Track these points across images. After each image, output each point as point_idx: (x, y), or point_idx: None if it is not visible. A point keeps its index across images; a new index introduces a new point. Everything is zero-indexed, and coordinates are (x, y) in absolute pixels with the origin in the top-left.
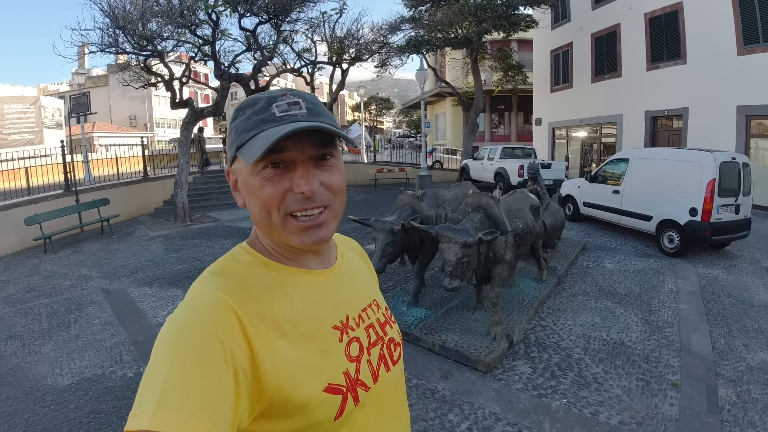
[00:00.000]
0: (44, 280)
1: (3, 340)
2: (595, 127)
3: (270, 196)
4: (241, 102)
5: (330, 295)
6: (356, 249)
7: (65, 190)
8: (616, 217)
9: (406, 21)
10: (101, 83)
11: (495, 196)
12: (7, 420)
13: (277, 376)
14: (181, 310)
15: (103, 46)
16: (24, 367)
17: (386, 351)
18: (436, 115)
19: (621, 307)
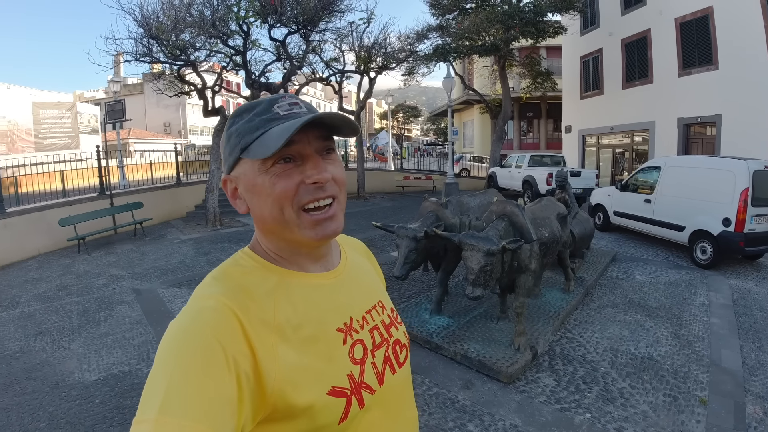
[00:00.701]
0: (77, 279)
1: (33, 335)
2: (627, 134)
3: (283, 191)
4: (236, 109)
5: (333, 298)
6: (361, 249)
7: (100, 194)
8: (647, 227)
9: (433, 29)
10: (137, 91)
11: (520, 204)
12: (31, 413)
13: (280, 381)
14: (183, 315)
15: (137, 56)
16: (52, 362)
17: (392, 353)
18: (463, 122)
19: (651, 320)
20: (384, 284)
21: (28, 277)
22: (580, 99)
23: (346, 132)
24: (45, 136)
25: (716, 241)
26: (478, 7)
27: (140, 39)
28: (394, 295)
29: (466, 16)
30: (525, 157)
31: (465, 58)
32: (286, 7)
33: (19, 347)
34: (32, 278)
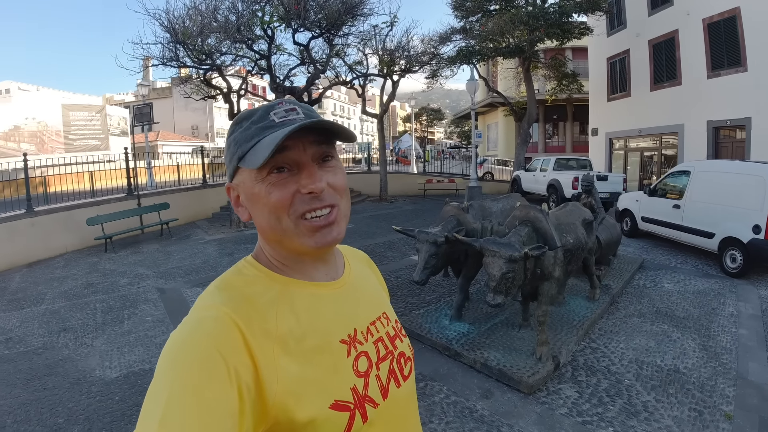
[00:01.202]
0: (102, 278)
1: (56, 332)
2: (655, 137)
3: (278, 200)
4: (237, 116)
5: (337, 308)
6: (365, 260)
7: (128, 194)
8: (676, 233)
9: (457, 32)
10: (165, 95)
11: (544, 209)
12: (50, 408)
13: (282, 393)
14: (185, 325)
15: (164, 60)
16: (74, 359)
17: (396, 366)
18: (487, 125)
19: (678, 330)
20: (388, 295)
21: (55, 275)
22: (607, 101)
23: (343, 138)
24: (75, 137)
25: (746, 248)
26: (502, 8)
27: (167, 44)
28: (414, 300)
29: (490, 18)
30: (550, 161)
31: (489, 60)
32: (310, 11)
33: (42, 343)
34: (58, 276)
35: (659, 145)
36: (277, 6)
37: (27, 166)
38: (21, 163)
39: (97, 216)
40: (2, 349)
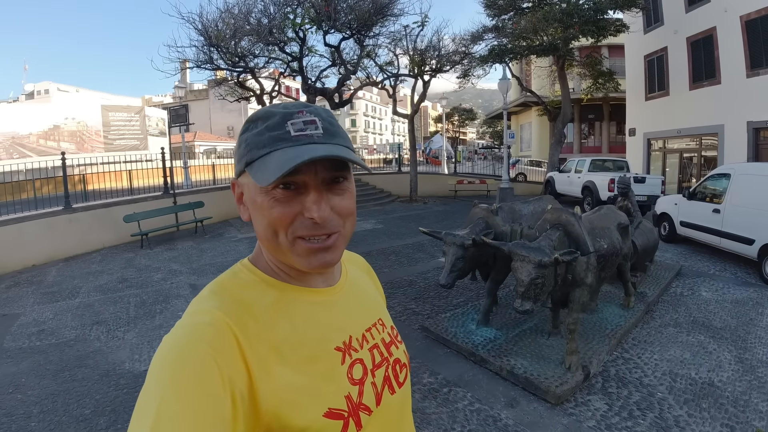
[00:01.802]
0: (137, 273)
1: (90, 324)
2: (695, 138)
3: (279, 218)
4: (253, 113)
5: (333, 315)
6: (361, 265)
7: (164, 192)
8: (715, 239)
9: (489, 30)
10: (202, 96)
11: (576, 212)
12: (78, 399)
13: (276, 401)
14: (179, 330)
15: (198, 63)
16: (105, 351)
17: (391, 373)
18: (521, 125)
19: (714, 341)
20: (384, 301)
21: (91, 269)
22: (645, 100)
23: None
24: (114, 137)
25: None
26: (535, 6)
27: (201, 47)
28: (441, 303)
29: (523, 15)
30: (585, 162)
31: (522, 58)
32: (340, 13)
33: (75, 335)
34: (94, 270)
35: (699, 147)
36: (308, 8)
37: (65, 164)
38: (60, 161)
39: (134, 213)
40: (34, 341)
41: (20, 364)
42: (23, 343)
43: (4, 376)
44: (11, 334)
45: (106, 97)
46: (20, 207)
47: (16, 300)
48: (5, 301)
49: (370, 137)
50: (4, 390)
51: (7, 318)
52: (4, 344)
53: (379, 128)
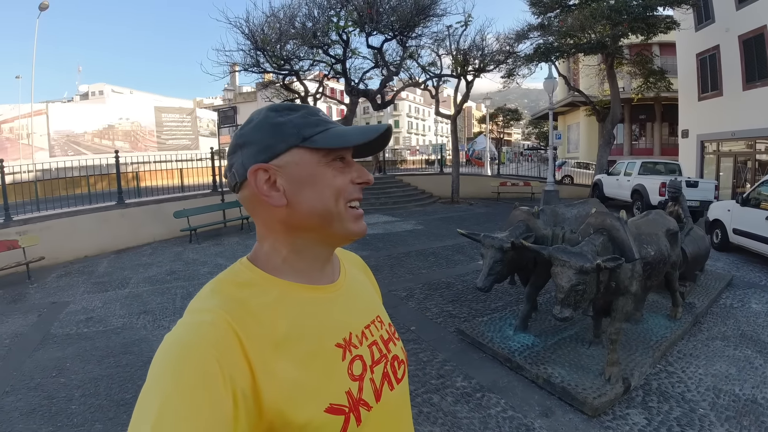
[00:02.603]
0: (185, 266)
1: (137, 314)
2: (750, 141)
3: (342, 185)
4: (278, 105)
5: (333, 312)
6: (358, 263)
7: (213, 190)
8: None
9: (534, 28)
10: (250, 99)
11: (622, 217)
12: (120, 384)
13: (277, 398)
14: (180, 329)
15: (245, 66)
16: (150, 339)
17: (390, 369)
18: (568, 126)
19: (761, 357)
20: (380, 299)
21: (141, 261)
22: (698, 101)
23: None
24: (167, 137)
25: None
26: (582, 3)
27: (248, 51)
28: (479, 307)
29: (570, 13)
30: (635, 164)
31: (569, 57)
32: (383, 15)
33: (122, 324)
34: (144, 262)
35: (754, 150)
36: (351, 11)
37: (118, 162)
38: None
39: (183, 209)
40: (81, 328)
41: (66, 350)
42: (70, 330)
43: (49, 360)
44: (59, 321)
45: (158, 99)
46: (74, 202)
47: (67, 289)
48: (56, 290)
49: (413, 138)
50: (47, 374)
51: (57, 306)
52: (51, 330)
53: (422, 129)
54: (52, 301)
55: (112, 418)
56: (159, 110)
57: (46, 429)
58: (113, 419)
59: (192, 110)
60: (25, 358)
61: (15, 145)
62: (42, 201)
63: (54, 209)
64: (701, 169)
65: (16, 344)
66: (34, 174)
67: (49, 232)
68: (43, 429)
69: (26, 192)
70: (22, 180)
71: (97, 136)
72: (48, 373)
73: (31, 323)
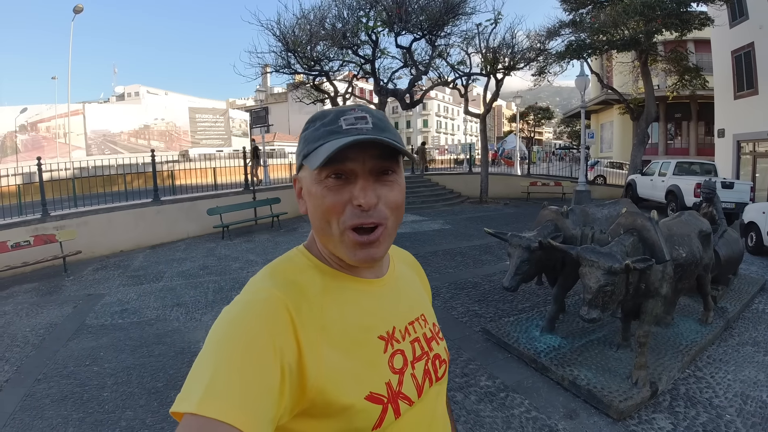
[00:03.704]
0: (217, 261)
1: (171, 306)
2: None
3: (331, 206)
4: (313, 116)
5: (378, 305)
6: (410, 261)
7: (244, 189)
8: None
9: (565, 25)
10: (281, 99)
11: (653, 217)
12: (152, 373)
13: (322, 378)
14: (237, 304)
15: (277, 67)
16: (182, 331)
17: (431, 367)
18: (601, 124)
19: None
20: (430, 299)
21: (175, 256)
22: (734, 99)
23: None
24: (201, 137)
25: None
26: None
27: (279, 52)
28: (506, 307)
29: (602, 9)
30: (670, 164)
31: (602, 54)
32: (412, 14)
33: (156, 315)
34: (179, 257)
35: None
36: (380, 11)
37: (154, 161)
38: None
39: (216, 207)
40: (117, 319)
41: (100, 340)
42: (105, 321)
43: (82, 349)
44: (94, 312)
45: (193, 100)
46: (111, 199)
47: (103, 282)
48: (92, 283)
49: (441, 137)
50: (81, 362)
51: (92, 297)
52: (86, 321)
53: (451, 128)
54: (87, 293)
55: (143, 406)
56: (193, 111)
57: (77, 415)
58: (144, 407)
59: (225, 111)
60: (59, 348)
61: (52, 143)
62: (79, 198)
63: (91, 206)
64: (737, 170)
65: (50, 334)
66: (72, 172)
67: (86, 228)
68: (73, 415)
69: (64, 189)
70: (60, 177)
71: (133, 136)
72: (81, 361)
73: (66, 314)
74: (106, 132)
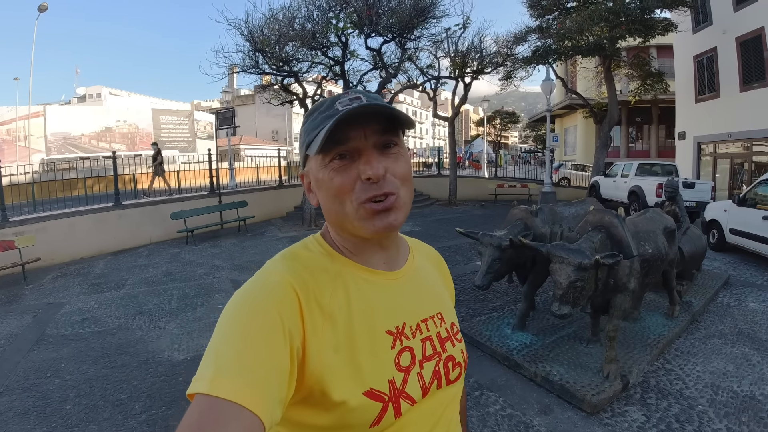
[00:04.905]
0: (182, 267)
1: (133, 314)
2: (746, 142)
3: (340, 185)
4: (310, 108)
5: (389, 298)
6: (433, 257)
7: (210, 192)
8: (766, 247)
9: (532, 31)
10: (248, 101)
11: (620, 214)
12: (116, 385)
13: (321, 366)
14: (248, 285)
15: (244, 67)
16: (145, 340)
17: (442, 368)
18: (565, 128)
19: (759, 354)
20: (453, 299)
21: (138, 263)
22: (695, 102)
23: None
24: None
25: None
26: (580, 5)
27: (247, 52)
28: (477, 306)
29: (568, 15)
30: (632, 166)
31: (567, 59)
32: (382, 17)
33: (118, 324)
34: (141, 264)
35: (750, 152)
36: (350, 13)
37: (116, 164)
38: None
39: (180, 211)
40: (77, 328)
41: (61, 350)
42: (66, 331)
43: (43, 361)
44: (55, 321)
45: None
46: (71, 203)
47: (63, 290)
48: (51, 291)
49: (410, 141)
50: (42, 374)
51: (52, 306)
52: (46, 331)
53: (420, 132)
54: (47, 302)
55: (107, 419)
56: (156, 113)
57: (41, 429)
58: (108, 420)
59: (189, 113)
60: (20, 359)
61: (12, 147)
62: (39, 203)
63: (51, 210)
64: (698, 171)
65: (11, 345)
66: (31, 176)
67: (45, 234)
68: (37, 429)
69: (23, 193)
70: (19, 182)
71: (95, 138)
72: (43, 373)
73: (26, 324)
74: (66, 134)
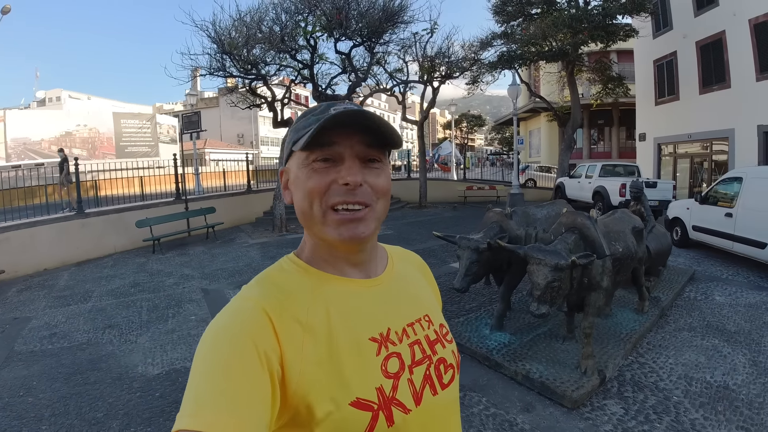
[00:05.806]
0: (149, 277)
1: (102, 328)
2: (705, 142)
3: (314, 187)
4: (305, 111)
5: (370, 305)
6: (415, 262)
7: (176, 198)
8: (728, 243)
9: (498, 36)
10: (213, 104)
11: (592, 215)
12: (90, 403)
13: (304, 382)
14: (220, 316)
15: (211, 70)
16: (117, 355)
17: (434, 372)
18: (530, 131)
19: (729, 345)
20: (440, 302)
21: (103, 274)
22: (655, 105)
23: (391, 141)
24: (126, 144)
25: None
26: (544, 12)
27: (214, 54)
28: (454, 308)
29: (532, 21)
30: (596, 167)
31: (531, 64)
32: (351, 20)
33: (87, 339)
34: (107, 275)
35: (709, 151)
36: (319, 16)
37: (78, 170)
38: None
39: (146, 219)
40: (46, 344)
41: (31, 368)
42: (35, 347)
43: (15, 378)
44: (22, 337)
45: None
46: (32, 212)
47: (28, 303)
48: (17, 305)
49: None
50: (14, 393)
51: (19, 321)
52: (15, 347)
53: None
54: (13, 316)
55: None
56: (118, 116)
57: None
58: None
59: (152, 116)
60: None
61: None
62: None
63: (12, 220)
64: (658, 171)
65: None
66: None
67: (8, 244)
68: None
69: None
70: None
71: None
72: (15, 392)
73: None
74: (26, 140)
